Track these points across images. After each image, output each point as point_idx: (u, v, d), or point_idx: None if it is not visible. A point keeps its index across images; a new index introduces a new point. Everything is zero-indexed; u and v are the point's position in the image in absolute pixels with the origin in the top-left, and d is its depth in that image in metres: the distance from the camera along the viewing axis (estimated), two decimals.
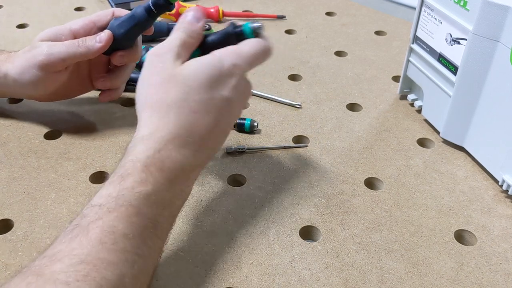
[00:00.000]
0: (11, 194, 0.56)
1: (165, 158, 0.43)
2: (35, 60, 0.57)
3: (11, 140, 0.63)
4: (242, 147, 0.62)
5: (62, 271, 0.35)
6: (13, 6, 0.94)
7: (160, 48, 0.48)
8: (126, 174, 0.41)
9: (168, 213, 0.43)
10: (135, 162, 0.42)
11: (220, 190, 0.57)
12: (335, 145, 0.64)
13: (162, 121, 0.44)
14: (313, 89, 0.74)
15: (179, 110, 0.44)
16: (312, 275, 0.49)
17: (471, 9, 0.56)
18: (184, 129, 0.44)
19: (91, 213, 0.39)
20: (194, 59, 0.47)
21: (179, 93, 0.45)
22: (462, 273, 0.49)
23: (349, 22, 0.92)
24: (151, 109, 0.45)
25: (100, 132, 0.65)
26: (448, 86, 0.62)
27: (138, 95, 0.47)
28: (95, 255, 0.37)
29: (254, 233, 0.53)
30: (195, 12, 0.50)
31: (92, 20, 0.60)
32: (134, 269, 0.38)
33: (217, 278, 0.48)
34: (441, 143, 0.65)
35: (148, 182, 0.41)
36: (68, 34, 0.59)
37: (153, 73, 0.47)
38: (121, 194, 0.40)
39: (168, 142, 0.43)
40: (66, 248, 0.37)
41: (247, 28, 0.50)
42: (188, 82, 0.45)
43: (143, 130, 0.44)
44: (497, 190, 0.59)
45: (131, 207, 0.40)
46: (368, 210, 0.55)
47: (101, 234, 0.38)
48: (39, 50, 0.57)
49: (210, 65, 0.46)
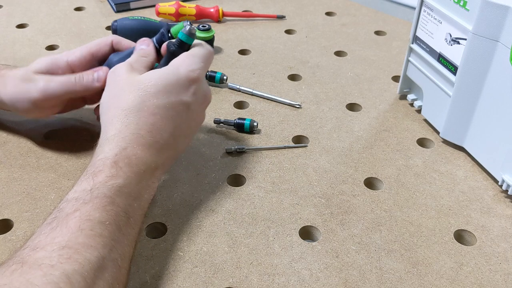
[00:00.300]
0: (11, 194, 0.56)
1: (131, 155, 0.46)
2: (30, 96, 0.56)
3: (11, 140, 0.63)
4: (242, 147, 0.62)
5: (45, 257, 0.37)
6: (13, 6, 0.94)
7: (115, 67, 0.53)
8: (97, 171, 0.45)
9: (137, 205, 0.46)
10: (105, 160, 0.46)
11: (220, 190, 0.57)
12: (335, 145, 0.64)
13: (124, 123, 0.48)
14: (313, 89, 0.74)
15: (138, 113, 0.48)
16: (312, 275, 0.49)
17: (471, 9, 0.56)
18: (145, 130, 0.48)
19: (67, 206, 0.42)
20: (151, 70, 0.52)
21: (137, 97, 0.49)
22: (462, 273, 0.49)
23: (349, 22, 0.92)
24: (112, 114, 0.49)
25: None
26: (448, 86, 0.62)
27: (101, 106, 0.51)
28: (75, 240, 0.39)
29: (254, 233, 0.53)
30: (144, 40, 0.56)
31: (90, 51, 0.58)
32: (112, 253, 0.40)
33: (217, 278, 0.48)
34: (440, 143, 0.65)
35: (118, 176, 0.45)
36: (65, 67, 0.57)
37: (111, 86, 0.51)
38: (95, 187, 0.43)
39: (131, 141, 0.47)
40: (47, 238, 0.39)
41: (182, 36, 0.53)
42: (145, 87, 0.49)
43: (108, 133, 0.48)
44: (497, 190, 0.59)
45: (106, 198, 0.43)
46: (368, 210, 0.55)
47: (79, 222, 0.40)
48: (35, 85, 0.55)
49: (166, 72, 0.50)
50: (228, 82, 0.74)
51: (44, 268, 0.37)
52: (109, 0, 0.95)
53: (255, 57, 0.82)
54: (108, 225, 0.41)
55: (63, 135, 0.64)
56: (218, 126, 0.67)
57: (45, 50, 0.81)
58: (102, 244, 0.40)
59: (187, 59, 0.52)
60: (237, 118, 0.66)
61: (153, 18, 0.76)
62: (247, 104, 0.71)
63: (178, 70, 0.51)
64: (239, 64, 0.80)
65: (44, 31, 0.87)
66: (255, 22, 0.92)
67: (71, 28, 0.87)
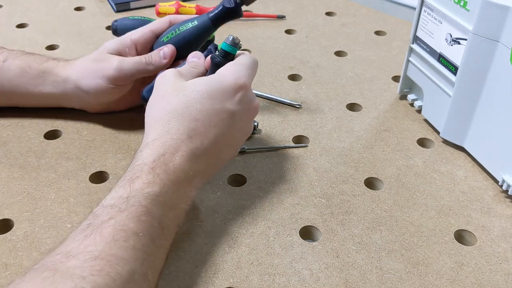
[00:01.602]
0: (11, 194, 0.56)
1: (169, 162, 0.46)
2: (105, 73, 0.60)
3: (11, 140, 0.63)
4: (242, 147, 0.62)
5: (77, 267, 0.37)
6: (13, 6, 0.94)
7: (165, 71, 0.53)
8: (135, 177, 0.44)
9: (173, 215, 0.45)
10: (142, 166, 0.45)
11: (220, 190, 0.57)
12: (335, 145, 0.64)
13: (165, 127, 0.48)
14: (313, 89, 0.74)
15: (181, 117, 0.48)
16: (312, 275, 0.49)
17: (471, 9, 0.56)
18: (186, 135, 0.47)
19: (103, 213, 0.41)
20: (198, 77, 0.52)
21: (180, 102, 0.48)
22: (462, 273, 0.49)
23: (349, 22, 0.92)
24: (155, 118, 0.49)
25: (100, 132, 0.65)
26: (448, 86, 0.62)
27: (147, 109, 0.51)
28: (108, 252, 0.38)
29: (254, 233, 0.53)
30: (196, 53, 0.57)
31: (151, 29, 0.63)
32: (144, 266, 0.40)
33: (217, 278, 0.48)
34: (441, 143, 0.65)
35: (155, 184, 0.44)
36: (131, 46, 0.62)
37: (159, 89, 0.51)
38: (131, 195, 0.43)
39: (170, 147, 0.46)
40: (80, 246, 0.39)
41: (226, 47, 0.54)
42: (189, 92, 0.49)
43: (149, 137, 0.48)
44: (497, 190, 0.59)
45: (141, 207, 0.42)
46: (368, 210, 0.55)
47: (113, 232, 0.40)
48: (109, 64, 0.60)
49: (212, 79, 0.51)
50: None
51: (76, 279, 0.36)
52: (109, 0, 0.95)
53: (255, 57, 0.81)
54: (142, 237, 0.41)
55: (63, 135, 0.64)
56: None
57: (45, 50, 0.81)
58: (134, 258, 0.39)
59: (232, 67, 0.52)
60: None
61: (153, 18, 0.76)
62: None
63: (223, 77, 0.51)
64: None
65: (44, 31, 0.86)
66: (255, 22, 0.92)
67: (71, 28, 0.87)
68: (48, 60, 0.64)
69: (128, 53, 0.62)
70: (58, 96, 0.63)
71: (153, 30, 0.62)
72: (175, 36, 0.61)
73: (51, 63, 0.64)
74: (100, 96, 0.62)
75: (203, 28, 0.60)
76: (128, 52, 0.62)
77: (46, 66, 0.63)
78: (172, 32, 0.61)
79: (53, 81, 0.62)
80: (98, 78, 0.60)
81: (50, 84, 0.63)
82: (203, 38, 0.61)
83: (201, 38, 0.61)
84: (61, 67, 0.63)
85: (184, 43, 0.60)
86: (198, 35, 0.60)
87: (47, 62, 0.64)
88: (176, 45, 0.60)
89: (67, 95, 0.63)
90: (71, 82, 0.62)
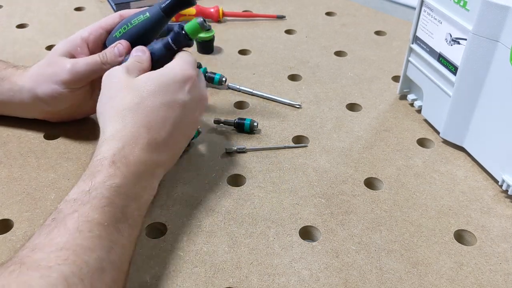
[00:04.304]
0: (11, 194, 0.56)
1: (129, 155, 0.47)
2: (58, 77, 0.58)
3: (11, 140, 0.63)
4: (242, 147, 0.62)
5: (43, 258, 0.38)
6: (13, 6, 0.94)
7: (111, 70, 0.54)
8: (96, 171, 0.45)
9: (136, 205, 0.46)
10: (103, 160, 0.46)
11: (220, 190, 0.57)
12: (335, 145, 0.64)
13: (121, 123, 0.49)
14: (313, 89, 0.74)
15: (136, 113, 0.49)
16: (312, 275, 0.49)
17: (471, 9, 0.56)
18: (143, 129, 0.49)
19: (66, 207, 0.42)
20: (147, 72, 0.53)
21: (134, 98, 0.50)
22: (462, 273, 0.49)
23: (349, 22, 0.92)
24: (109, 115, 0.50)
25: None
26: (448, 86, 0.62)
27: (98, 107, 0.52)
28: (73, 242, 0.39)
29: (254, 233, 0.53)
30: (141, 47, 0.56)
31: (100, 25, 0.61)
32: (111, 254, 0.41)
33: (217, 278, 0.48)
34: (441, 143, 0.65)
35: (116, 176, 0.45)
36: (82, 45, 0.60)
37: (109, 87, 0.52)
38: (93, 188, 0.44)
39: (129, 140, 0.48)
40: (45, 239, 0.40)
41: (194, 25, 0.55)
42: (141, 88, 0.50)
43: (106, 133, 0.49)
44: (497, 190, 0.59)
45: (104, 198, 0.43)
46: (368, 210, 0.55)
47: (77, 224, 0.41)
48: (62, 67, 0.58)
49: (161, 73, 0.52)
50: (228, 82, 0.74)
51: (42, 269, 0.37)
52: (109, 0, 0.95)
53: (255, 57, 0.82)
54: (107, 227, 0.41)
55: (63, 135, 0.64)
56: (218, 126, 0.67)
57: (45, 50, 0.81)
58: (100, 246, 0.40)
59: (178, 61, 0.54)
60: (237, 118, 0.66)
61: None
62: (247, 104, 0.71)
63: (172, 70, 0.52)
64: (239, 64, 0.80)
65: (44, 31, 0.87)
66: (255, 22, 0.92)
67: (71, 28, 0.87)
68: (8, 67, 0.62)
69: (80, 52, 0.60)
70: (16, 105, 0.61)
71: (103, 26, 0.61)
72: (128, 30, 0.59)
73: (9, 70, 0.61)
74: (57, 102, 0.60)
75: (156, 20, 0.57)
76: (80, 51, 0.60)
77: (4, 74, 0.61)
78: (124, 26, 0.59)
79: (9, 89, 0.60)
80: (52, 83, 0.58)
81: (7, 93, 0.60)
82: (157, 30, 0.59)
83: (154, 30, 0.58)
84: (17, 75, 0.60)
85: (137, 37, 0.58)
86: (151, 27, 0.58)
87: (5, 70, 0.61)
88: (129, 40, 0.58)
89: (25, 104, 0.61)
90: (27, 91, 0.59)
